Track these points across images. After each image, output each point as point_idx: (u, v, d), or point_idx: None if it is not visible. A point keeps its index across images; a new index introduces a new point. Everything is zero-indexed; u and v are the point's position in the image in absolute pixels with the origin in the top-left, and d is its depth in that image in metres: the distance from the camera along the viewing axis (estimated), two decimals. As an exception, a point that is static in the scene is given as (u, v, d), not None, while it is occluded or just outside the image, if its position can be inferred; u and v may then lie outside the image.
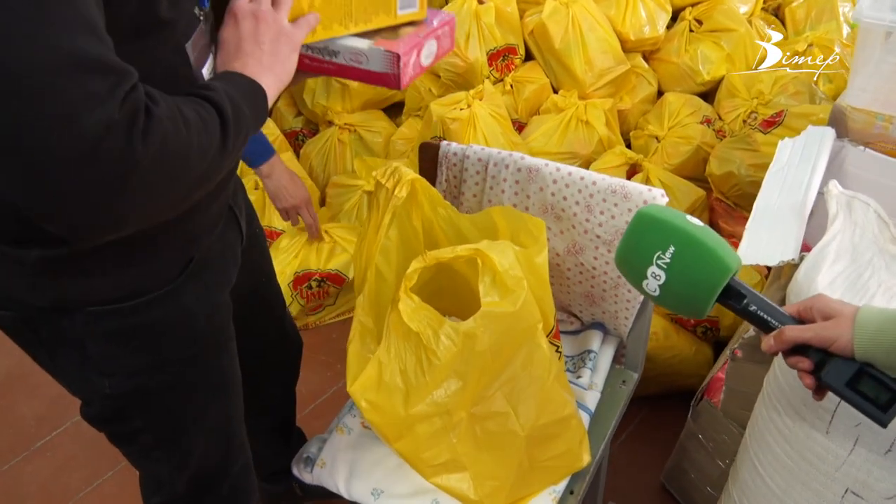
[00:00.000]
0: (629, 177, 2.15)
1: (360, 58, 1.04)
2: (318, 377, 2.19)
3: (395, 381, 1.00)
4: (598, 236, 1.27)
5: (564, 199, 1.27)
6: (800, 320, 0.87)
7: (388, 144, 2.58)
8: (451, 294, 1.21)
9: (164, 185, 0.74)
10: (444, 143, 1.35)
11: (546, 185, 1.27)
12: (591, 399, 1.32)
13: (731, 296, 0.87)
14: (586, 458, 1.22)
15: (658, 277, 0.89)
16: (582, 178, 1.24)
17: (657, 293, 0.90)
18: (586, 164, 2.23)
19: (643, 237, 0.91)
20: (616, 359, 1.44)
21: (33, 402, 2.18)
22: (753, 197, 1.97)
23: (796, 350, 0.86)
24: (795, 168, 1.44)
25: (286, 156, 2.56)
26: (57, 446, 2.06)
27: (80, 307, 0.95)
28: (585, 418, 1.28)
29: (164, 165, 0.72)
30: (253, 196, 2.46)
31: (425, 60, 1.21)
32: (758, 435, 1.25)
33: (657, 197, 1.20)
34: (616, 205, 1.22)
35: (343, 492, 1.26)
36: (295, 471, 1.32)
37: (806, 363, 0.86)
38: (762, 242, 1.30)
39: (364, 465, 1.26)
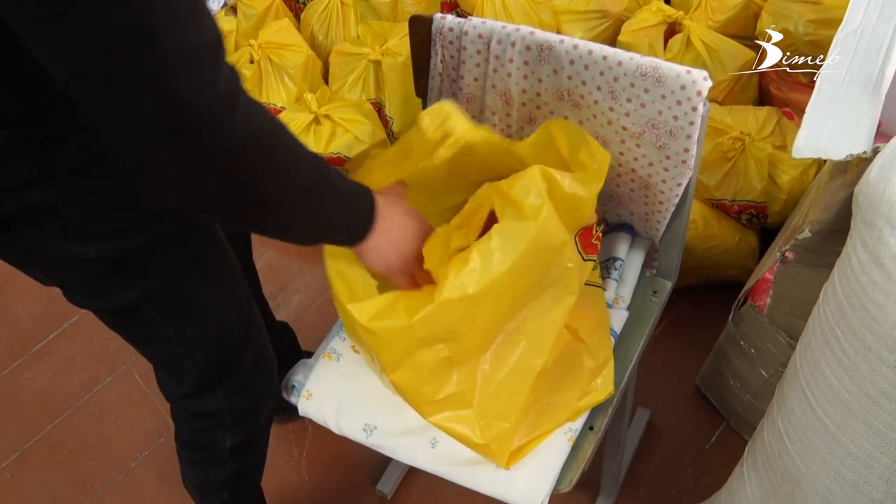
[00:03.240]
0: (667, 38, 1.86)
1: None
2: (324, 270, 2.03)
3: (402, 302, 0.90)
4: (624, 128, 1.04)
5: (584, 83, 1.03)
6: None
7: (396, 6, 2.29)
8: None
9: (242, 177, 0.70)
10: (438, 16, 1.11)
11: (561, 66, 1.04)
12: (617, 319, 1.14)
13: None
14: (608, 390, 1.06)
15: None
16: (605, 59, 1.00)
17: None
18: (618, 25, 1.94)
19: None
20: (646, 262, 1.25)
21: (28, 301, 2.08)
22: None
23: None
24: (871, 31, 1.17)
25: (283, 23, 2.29)
26: (55, 350, 1.97)
27: (52, 176, 0.84)
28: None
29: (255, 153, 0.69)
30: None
31: None
32: (810, 359, 1.06)
33: (698, 80, 0.96)
34: (647, 90, 0.99)
35: (332, 426, 1.12)
36: (284, 394, 1.19)
37: None
38: (826, 130, 1.07)
39: (354, 396, 1.12)
